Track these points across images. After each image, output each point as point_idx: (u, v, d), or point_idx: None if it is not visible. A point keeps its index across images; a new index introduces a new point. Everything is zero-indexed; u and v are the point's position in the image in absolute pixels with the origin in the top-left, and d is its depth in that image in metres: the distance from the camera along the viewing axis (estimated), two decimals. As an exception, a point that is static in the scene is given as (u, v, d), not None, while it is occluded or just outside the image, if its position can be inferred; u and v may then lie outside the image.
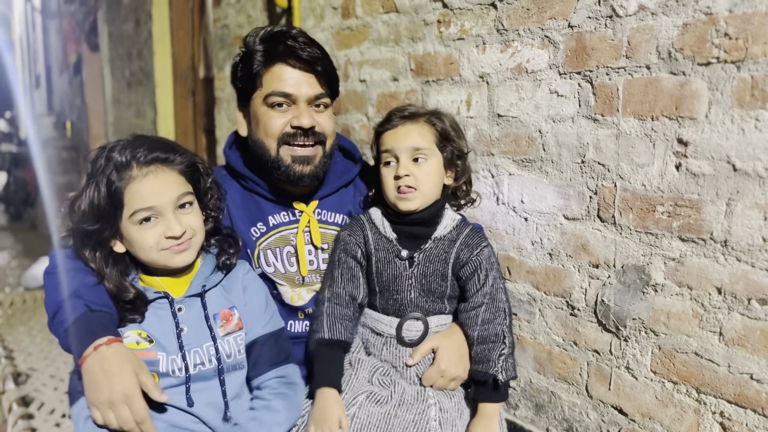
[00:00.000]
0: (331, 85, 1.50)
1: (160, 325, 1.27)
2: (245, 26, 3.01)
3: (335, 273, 1.45)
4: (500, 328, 1.37)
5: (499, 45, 1.65)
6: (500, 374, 1.34)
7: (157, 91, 4.72)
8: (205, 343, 1.29)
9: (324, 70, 1.45)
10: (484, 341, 1.38)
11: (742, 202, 1.21)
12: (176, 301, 1.29)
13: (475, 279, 1.40)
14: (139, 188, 1.22)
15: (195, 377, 1.26)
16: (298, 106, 1.44)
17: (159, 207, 1.23)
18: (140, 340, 1.24)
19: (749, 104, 1.18)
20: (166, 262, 1.26)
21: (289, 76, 1.43)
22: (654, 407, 1.41)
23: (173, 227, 1.23)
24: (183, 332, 1.27)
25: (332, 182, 1.61)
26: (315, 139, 1.47)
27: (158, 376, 1.23)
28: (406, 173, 1.37)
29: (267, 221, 1.55)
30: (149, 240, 1.23)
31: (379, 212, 1.46)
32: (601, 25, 1.41)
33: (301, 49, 1.41)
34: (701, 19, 1.23)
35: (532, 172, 1.61)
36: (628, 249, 1.42)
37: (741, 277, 1.23)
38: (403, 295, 1.42)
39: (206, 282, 1.33)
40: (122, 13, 5.72)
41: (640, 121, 1.36)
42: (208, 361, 1.28)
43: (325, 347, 1.38)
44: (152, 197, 1.22)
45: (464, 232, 1.43)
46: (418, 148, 1.38)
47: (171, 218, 1.24)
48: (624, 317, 1.44)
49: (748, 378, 1.24)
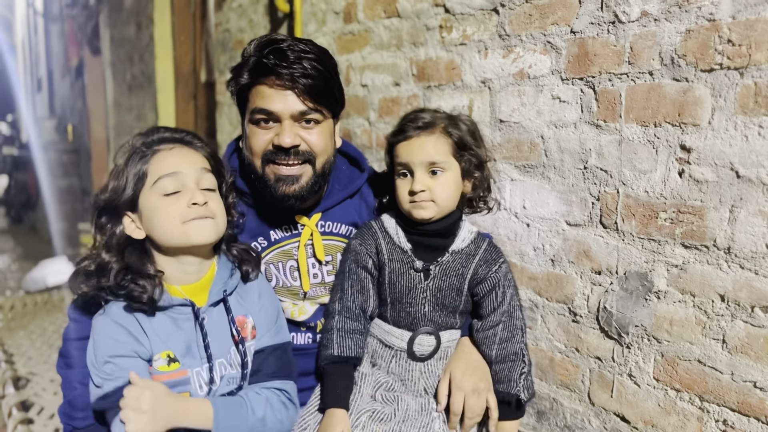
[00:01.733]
0: (326, 99, 1.39)
1: (185, 338, 1.24)
2: (247, 31, 3.01)
3: (345, 285, 1.41)
4: (518, 346, 1.36)
5: (501, 50, 1.65)
6: (522, 393, 1.33)
7: (159, 94, 4.72)
8: (228, 350, 1.27)
9: (311, 86, 1.35)
10: (504, 360, 1.36)
11: (746, 209, 1.20)
12: (201, 311, 1.25)
13: (493, 296, 1.37)
14: (164, 157, 1.24)
15: (221, 388, 1.25)
16: (282, 123, 1.37)
17: (183, 174, 1.23)
18: (170, 362, 1.22)
19: (752, 111, 1.17)
20: (188, 238, 1.22)
21: (270, 93, 1.36)
22: (657, 415, 1.40)
23: (196, 195, 1.22)
24: (209, 343, 1.25)
25: (336, 193, 1.55)
26: (301, 159, 1.39)
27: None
28: (421, 188, 1.31)
29: (268, 236, 1.51)
30: (172, 210, 1.21)
31: (393, 220, 1.41)
32: (603, 31, 1.41)
33: (282, 66, 1.33)
34: (704, 25, 1.23)
35: (534, 178, 1.61)
36: (631, 255, 1.41)
37: (744, 284, 1.22)
38: (416, 309, 1.38)
39: (226, 286, 1.30)
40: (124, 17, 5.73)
41: (643, 128, 1.35)
42: (235, 368, 1.27)
43: (335, 365, 1.36)
44: (176, 165, 1.23)
45: (483, 247, 1.38)
46: (433, 162, 1.31)
47: (194, 188, 1.23)
48: (626, 324, 1.43)
49: (751, 386, 1.23)
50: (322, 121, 1.41)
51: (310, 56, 1.36)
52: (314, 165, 1.41)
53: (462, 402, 1.33)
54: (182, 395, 1.22)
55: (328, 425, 1.30)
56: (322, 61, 1.38)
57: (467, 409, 1.33)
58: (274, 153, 1.38)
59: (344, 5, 2.24)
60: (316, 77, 1.35)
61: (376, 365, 1.43)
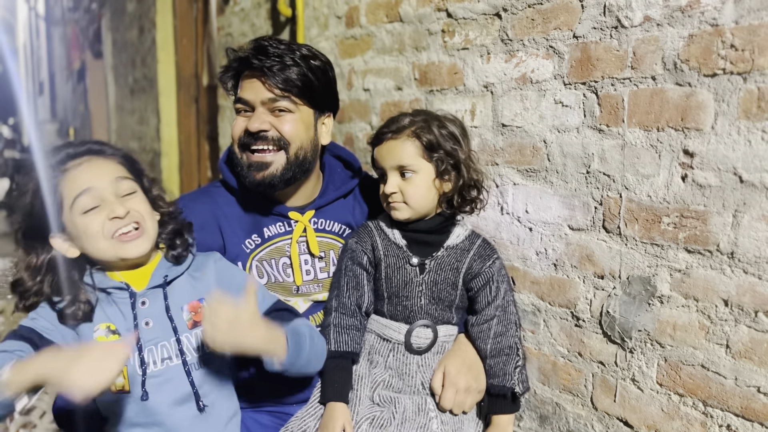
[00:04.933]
0: (301, 91, 1.45)
1: (124, 320, 1.26)
2: (249, 35, 3.01)
3: (341, 282, 1.45)
4: (513, 340, 1.39)
5: (504, 55, 1.65)
6: (517, 386, 1.37)
7: (161, 98, 4.73)
8: (171, 337, 1.28)
9: (282, 77, 1.42)
10: (498, 354, 1.39)
11: (749, 214, 1.20)
12: (139, 295, 1.28)
13: (487, 291, 1.41)
14: (74, 176, 1.22)
15: (160, 372, 1.26)
16: (255, 111, 1.45)
17: (98, 190, 1.21)
18: (109, 333, 1.25)
19: (756, 116, 1.17)
20: (117, 252, 1.23)
21: (245, 84, 1.46)
22: (660, 420, 1.40)
23: (116, 208, 1.21)
24: (148, 326, 1.27)
25: (330, 192, 1.61)
26: (272, 145, 1.45)
27: (127, 368, 1.23)
28: (393, 191, 1.38)
29: (262, 233, 1.54)
30: (94, 226, 1.21)
31: (388, 218, 1.47)
32: (606, 35, 1.41)
33: (256, 58, 1.42)
34: (707, 30, 1.23)
35: (536, 182, 1.61)
36: (634, 260, 1.41)
37: (748, 289, 1.22)
38: (413, 302, 1.42)
39: (168, 272, 1.31)
40: (126, 21, 5.74)
41: (646, 132, 1.35)
42: (175, 355, 1.28)
43: (333, 360, 1.39)
44: (89, 180, 1.22)
45: (477, 243, 1.44)
46: (401, 165, 1.37)
47: (113, 200, 1.22)
48: (629, 329, 1.43)
49: (755, 391, 1.23)
50: (296, 111, 1.46)
51: (294, 53, 1.44)
52: (287, 152, 1.46)
53: (453, 398, 1.37)
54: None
55: (330, 419, 1.34)
56: (306, 57, 1.46)
57: (455, 405, 1.38)
58: (247, 138, 1.46)
59: (346, 10, 2.24)
60: (290, 68, 1.42)
61: (373, 363, 1.45)
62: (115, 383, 1.22)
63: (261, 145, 1.45)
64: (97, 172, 1.24)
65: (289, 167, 1.47)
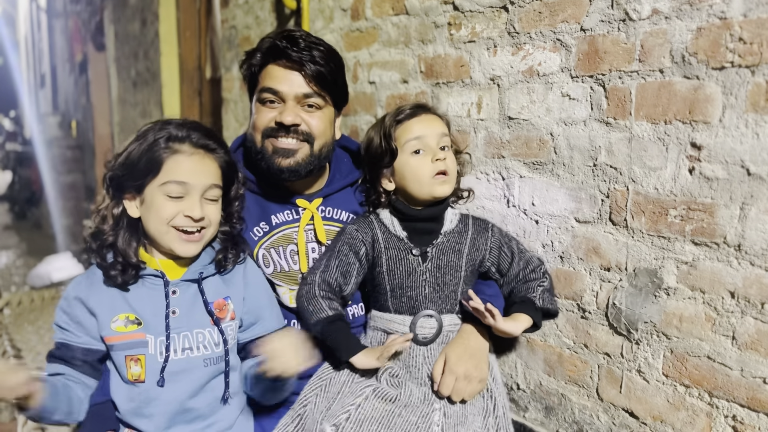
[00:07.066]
0: (329, 88, 1.50)
1: (152, 306, 1.30)
2: (253, 27, 3.01)
3: (331, 263, 1.47)
4: (541, 270, 1.48)
5: (511, 48, 1.65)
6: (538, 300, 1.43)
7: (164, 91, 4.72)
8: (197, 329, 1.32)
9: (317, 72, 1.46)
10: (526, 281, 1.47)
11: (756, 207, 1.21)
12: (171, 284, 1.32)
13: (504, 255, 1.49)
14: (181, 162, 1.27)
15: (179, 362, 1.29)
16: (286, 103, 1.47)
17: (190, 186, 1.27)
18: (128, 323, 1.28)
19: (764, 108, 1.18)
20: (170, 245, 1.28)
21: (279, 75, 1.47)
22: (666, 411, 1.41)
23: (194, 209, 1.27)
24: (174, 314, 1.30)
25: (338, 181, 1.64)
26: (300, 137, 1.48)
27: (145, 357, 1.28)
28: (444, 156, 1.41)
29: (270, 220, 1.56)
30: (168, 211, 1.26)
31: (388, 212, 1.48)
32: (614, 28, 1.41)
33: (293, 50, 1.44)
34: (715, 23, 1.23)
35: (543, 175, 1.61)
36: (640, 252, 1.42)
37: (754, 281, 1.23)
38: (417, 292, 1.44)
39: (204, 270, 1.36)
40: (128, 13, 5.72)
41: (653, 125, 1.36)
42: (196, 347, 1.31)
43: (332, 324, 1.42)
44: (189, 175, 1.27)
45: (470, 222, 1.50)
46: (445, 134, 1.44)
47: (195, 200, 1.28)
48: (635, 320, 1.44)
49: (761, 382, 1.24)
50: (323, 107, 1.51)
51: (320, 47, 1.48)
52: (312, 145, 1.50)
53: (452, 385, 1.38)
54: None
55: (363, 366, 1.38)
56: (331, 53, 1.50)
57: (454, 392, 1.39)
58: (275, 129, 1.48)
59: (352, 2, 2.24)
60: (323, 65, 1.46)
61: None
62: (132, 372, 1.25)
63: (289, 137, 1.48)
64: (200, 170, 1.29)
65: (311, 160, 1.51)
